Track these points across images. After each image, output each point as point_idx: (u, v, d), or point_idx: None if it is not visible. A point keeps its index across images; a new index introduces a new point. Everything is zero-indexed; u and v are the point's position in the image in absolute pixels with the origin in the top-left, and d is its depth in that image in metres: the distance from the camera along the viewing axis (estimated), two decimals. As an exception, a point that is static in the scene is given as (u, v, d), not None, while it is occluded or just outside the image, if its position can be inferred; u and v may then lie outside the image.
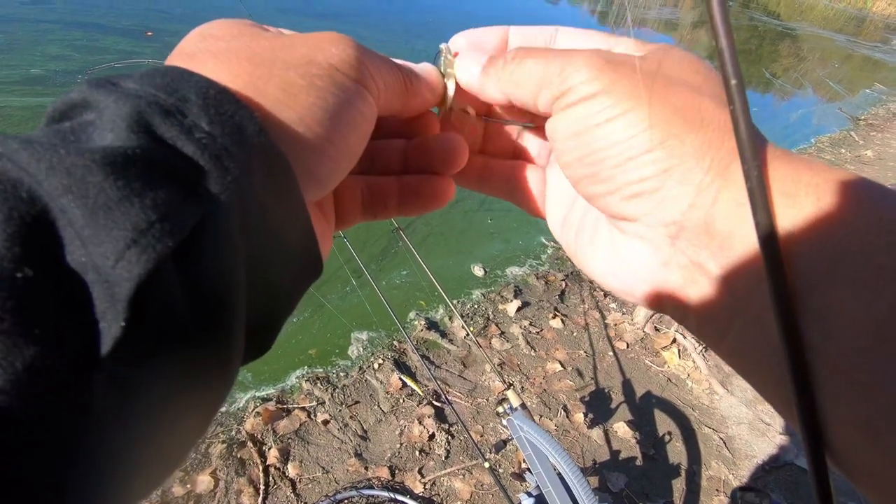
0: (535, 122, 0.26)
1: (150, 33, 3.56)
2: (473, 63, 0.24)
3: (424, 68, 0.25)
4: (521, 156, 0.28)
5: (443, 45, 0.26)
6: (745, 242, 0.17)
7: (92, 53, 3.16)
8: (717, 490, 1.67)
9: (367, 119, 0.21)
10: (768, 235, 0.17)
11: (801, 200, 0.17)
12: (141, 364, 0.13)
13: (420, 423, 1.68)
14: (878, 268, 0.15)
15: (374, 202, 0.25)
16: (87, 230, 0.12)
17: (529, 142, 0.28)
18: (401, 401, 1.74)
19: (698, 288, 0.19)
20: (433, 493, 1.52)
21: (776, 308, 0.16)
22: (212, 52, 0.18)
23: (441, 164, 0.25)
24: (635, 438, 1.76)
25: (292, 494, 1.44)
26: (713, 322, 0.19)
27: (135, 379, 0.13)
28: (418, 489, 1.51)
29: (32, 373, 0.11)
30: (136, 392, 0.13)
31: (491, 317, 2.15)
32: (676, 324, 2.27)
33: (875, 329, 0.14)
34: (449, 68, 0.25)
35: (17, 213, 0.12)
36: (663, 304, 0.21)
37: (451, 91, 0.25)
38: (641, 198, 0.20)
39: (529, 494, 1.09)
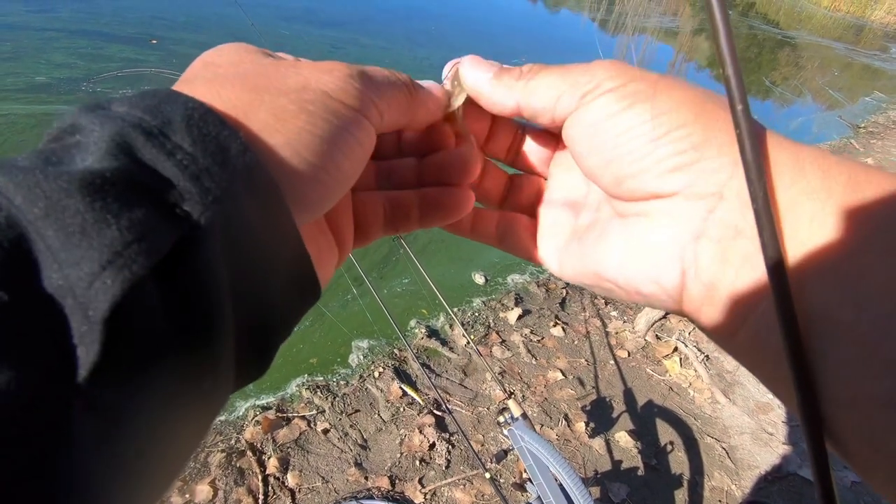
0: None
1: (154, 41, 3.59)
2: (484, 69, 0.25)
3: (428, 83, 0.25)
4: (511, 196, 0.29)
5: (450, 64, 0.26)
6: (782, 212, 0.18)
7: (96, 61, 3.19)
8: (719, 501, 1.65)
9: (361, 144, 0.21)
10: (774, 255, 0.17)
11: (834, 175, 0.18)
12: (121, 388, 0.13)
13: (420, 432, 1.67)
14: None
15: (396, 216, 0.26)
16: (63, 253, 0.12)
17: (520, 187, 0.29)
18: (401, 409, 1.73)
19: (729, 264, 0.19)
20: (433, 503, 1.51)
21: (775, 298, 0.17)
22: (207, 79, 0.19)
23: (455, 174, 0.25)
24: (637, 448, 1.75)
25: (292, 504, 1.44)
26: (741, 300, 0.18)
27: (116, 404, 0.13)
28: (418, 499, 1.50)
29: (8, 398, 0.11)
30: (118, 418, 0.13)
31: (492, 325, 2.15)
32: (678, 332, 2.27)
33: None
34: (455, 86, 0.25)
35: None
36: (686, 288, 0.20)
37: (457, 105, 0.26)
38: (682, 171, 0.20)
39: (530, 505, 1.08)
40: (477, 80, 0.25)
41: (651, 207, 0.21)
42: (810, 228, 0.17)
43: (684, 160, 0.20)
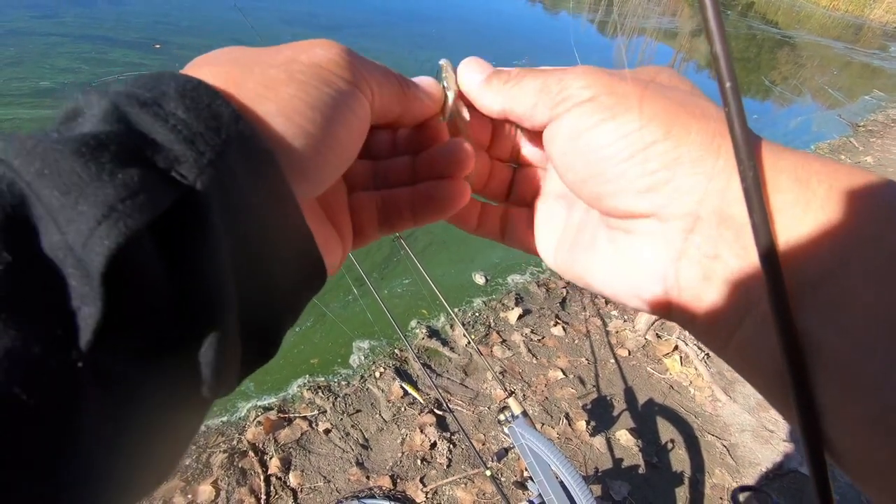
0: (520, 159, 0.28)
1: (157, 45, 3.61)
2: (478, 71, 0.25)
3: (422, 78, 0.25)
4: (514, 191, 0.29)
5: (442, 61, 0.26)
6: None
7: (100, 66, 3.21)
8: (720, 498, 1.66)
9: (358, 116, 0.20)
10: (765, 236, 0.17)
11: (813, 187, 0.17)
12: (128, 360, 0.13)
13: (421, 431, 1.68)
14: (892, 256, 0.15)
15: (390, 214, 0.25)
16: (62, 212, 0.12)
17: (521, 181, 0.28)
18: (402, 409, 1.74)
19: (713, 281, 0.18)
20: (435, 501, 1.51)
21: (774, 309, 0.16)
22: (198, 64, 0.19)
23: (448, 166, 0.25)
24: (638, 446, 1.75)
25: (294, 504, 1.44)
26: (724, 318, 0.18)
27: (120, 372, 0.13)
28: (420, 498, 1.50)
29: (12, 358, 0.11)
30: (123, 385, 0.13)
31: (492, 325, 2.15)
32: (678, 331, 2.27)
33: (888, 319, 0.14)
34: (448, 83, 0.26)
35: None
36: (671, 304, 0.20)
37: (450, 101, 0.26)
38: (655, 191, 0.19)
39: (531, 503, 1.09)
40: (469, 82, 0.25)
41: (632, 225, 0.21)
42: (786, 244, 0.17)
43: (655, 180, 0.19)
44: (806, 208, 0.17)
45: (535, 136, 0.27)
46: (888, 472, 0.14)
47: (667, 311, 0.21)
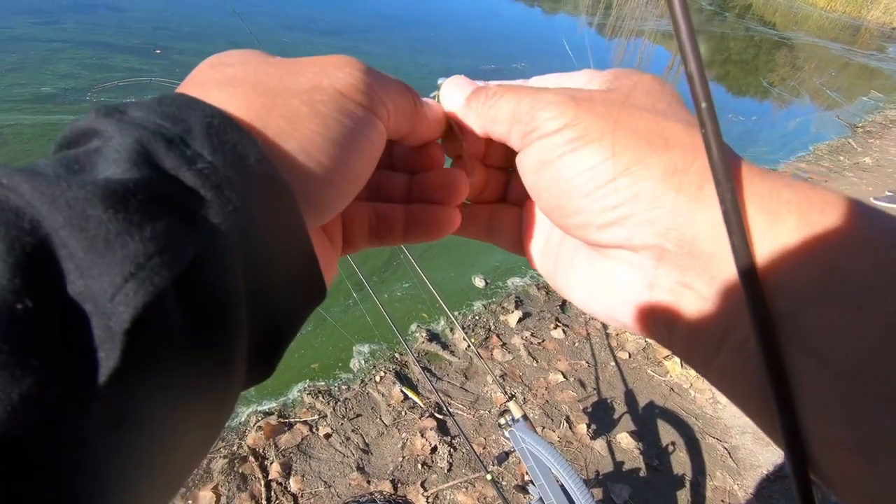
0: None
1: (158, 51, 3.62)
2: (458, 92, 0.25)
3: (428, 100, 0.25)
4: (501, 196, 0.29)
5: (441, 80, 0.26)
6: (730, 262, 0.17)
7: (101, 71, 3.22)
8: (722, 501, 1.65)
9: (374, 144, 0.20)
10: (745, 259, 0.17)
11: (783, 219, 0.17)
12: (138, 392, 0.13)
13: (422, 435, 1.68)
14: (867, 288, 0.15)
15: (381, 228, 0.26)
16: (86, 263, 0.12)
17: (515, 182, 0.28)
18: (402, 413, 1.74)
19: (686, 309, 0.18)
20: (436, 506, 1.51)
21: (756, 332, 0.16)
22: (218, 81, 0.19)
23: (443, 194, 0.25)
24: (639, 449, 1.75)
25: (294, 509, 1.44)
26: (702, 344, 0.18)
27: (133, 408, 0.13)
28: (421, 503, 1.50)
29: (29, 404, 0.11)
30: (134, 421, 0.13)
31: (492, 328, 2.16)
32: (678, 333, 2.27)
33: (866, 351, 0.14)
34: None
35: (19, 243, 0.12)
36: (649, 327, 0.20)
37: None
38: (616, 225, 0.20)
39: (532, 507, 1.09)
40: (452, 104, 0.25)
41: (606, 251, 0.21)
42: (762, 270, 0.17)
43: (616, 216, 0.19)
44: (775, 240, 0.16)
45: None
46: (874, 497, 0.14)
47: (645, 333, 0.21)
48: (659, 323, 0.20)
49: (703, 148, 0.18)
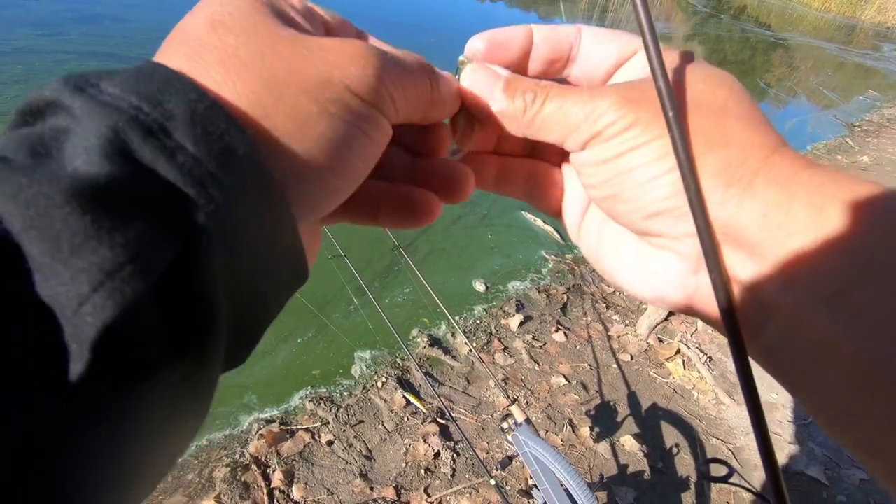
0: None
1: None
2: (488, 88, 0.23)
3: (446, 75, 0.23)
4: (535, 153, 0.28)
5: (462, 58, 0.25)
6: (772, 250, 0.18)
7: (103, 82, 3.24)
8: (727, 502, 1.64)
9: (376, 144, 0.19)
10: (724, 299, 0.19)
11: (828, 211, 0.17)
12: (117, 394, 0.12)
13: (425, 441, 1.67)
14: None
15: (361, 206, 0.24)
16: (50, 270, 0.11)
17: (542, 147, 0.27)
18: (405, 419, 1.73)
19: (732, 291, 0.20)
20: (440, 512, 1.50)
21: (734, 358, 0.19)
22: (219, 56, 0.16)
23: (444, 192, 0.24)
24: (643, 452, 1.74)
25: (298, 517, 1.43)
26: (745, 325, 0.19)
27: (110, 409, 0.12)
28: (425, 509, 1.49)
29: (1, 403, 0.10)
30: (113, 421, 0.12)
31: (493, 332, 2.15)
32: (680, 334, 2.27)
33: None
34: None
35: None
36: (695, 309, 0.22)
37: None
38: (662, 216, 0.21)
39: (536, 511, 1.08)
40: (483, 104, 0.23)
41: (651, 239, 0.22)
42: (802, 260, 0.18)
43: (664, 206, 0.21)
44: (819, 231, 0.17)
45: None
46: None
47: (690, 313, 0.22)
48: (706, 305, 0.21)
49: (763, 145, 0.20)
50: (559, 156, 0.27)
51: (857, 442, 0.17)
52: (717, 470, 0.34)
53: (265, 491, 1.46)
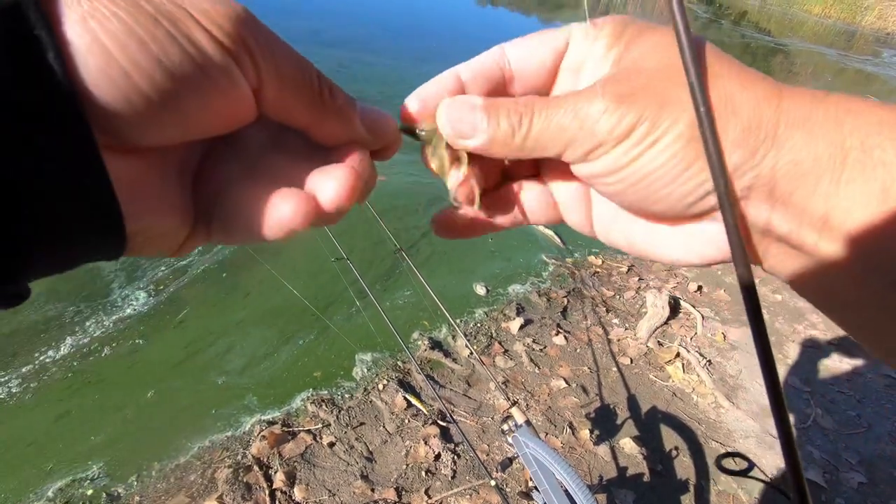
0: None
1: None
2: (465, 123, 0.22)
3: (378, 112, 0.22)
4: (508, 173, 0.27)
5: (418, 130, 0.24)
6: (804, 196, 0.19)
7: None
8: (726, 506, 1.65)
9: (224, 98, 0.17)
10: (746, 276, 0.20)
11: (848, 145, 0.18)
12: None
13: (426, 443, 1.68)
14: None
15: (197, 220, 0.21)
16: None
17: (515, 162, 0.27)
18: (406, 421, 1.74)
19: (774, 241, 0.21)
20: (440, 514, 1.51)
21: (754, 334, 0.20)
22: None
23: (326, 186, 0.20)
24: (642, 454, 1.75)
25: (299, 518, 1.44)
26: (786, 264, 0.21)
27: None
28: (425, 510, 1.50)
29: None
30: None
31: (494, 335, 2.16)
32: (680, 338, 2.28)
33: None
34: (440, 144, 0.23)
35: None
36: (751, 256, 0.22)
37: (462, 167, 0.24)
38: (702, 200, 0.21)
39: (536, 512, 1.09)
40: (466, 140, 0.22)
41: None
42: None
43: (704, 190, 0.20)
44: (840, 170, 0.18)
45: None
46: None
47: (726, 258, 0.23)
48: (752, 258, 0.22)
49: (766, 96, 0.19)
50: (532, 167, 0.27)
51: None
52: (728, 463, 0.36)
53: (267, 492, 1.47)
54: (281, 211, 0.19)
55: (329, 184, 0.19)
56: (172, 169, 0.20)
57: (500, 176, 0.27)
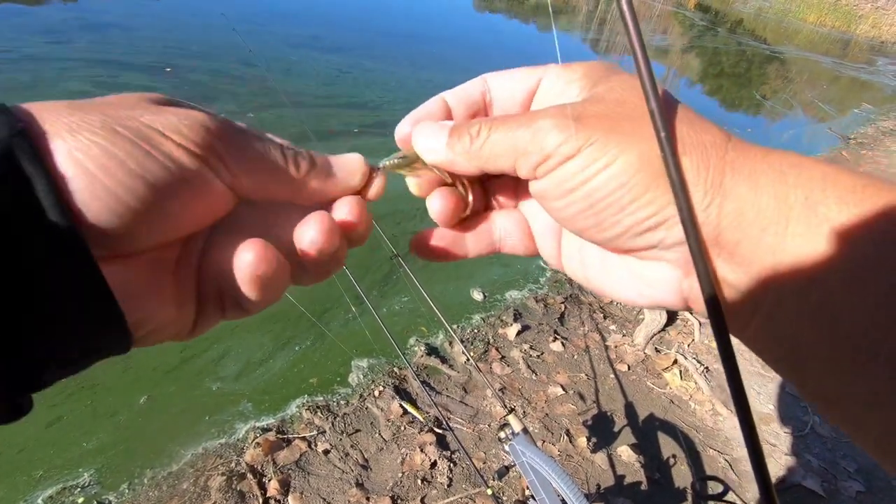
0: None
1: (169, 69, 3.67)
2: (433, 140, 0.24)
3: (345, 157, 0.24)
4: (488, 201, 0.29)
5: (402, 152, 0.26)
6: (750, 248, 0.19)
7: (111, 89, 3.24)
8: (724, 515, 1.64)
9: (204, 198, 0.20)
10: (708, 287, 0.20)
11: (791, 199, 0.19)
12: None
13: (422, 450, 1.66)
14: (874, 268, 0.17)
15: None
16: None
17: (496, 189, 0.28)
18: (402, 428, 1.73)
19: (723, 287, 0.21)
20: (436, 523, 1.49)
21: (719, 347, 0.20)
22: (76, 106, 0.18)
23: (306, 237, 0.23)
24: (640, 462, 1.74)
25: (293, 527, 1.42)
26: (733, 318, 0.20)
27: None
28: (421, 519, 1.49)
29: None
30: None
31: (491, 341, 2.15)
32: (678, 345, 2.27)
33: (864, 318, 0.17)
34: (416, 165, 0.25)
35: None
36: (691, 308, 0.23)
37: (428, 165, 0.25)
38: (651, 231, 0.21)
39: (532, 522, 1.08)
40: (433, 153, 0.24)
41: (641, 253, 0.23)
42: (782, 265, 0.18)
43: (651, 223, 0.21)
44: (785, 223, 0.19)
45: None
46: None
47: (687, 310, 0.24)
48: (697, 305, 0.22)
49: (714, 143, 0.20)
50: (512, 196, 0.28)
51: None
52: (712, 487, 0.35)
53: (261, 500, 1.45)
54: (243, 259, 0.20)
55: (307, 232, 0.22)
56: (167, 265, 0.22)
57: (482, 204, 0.29)
